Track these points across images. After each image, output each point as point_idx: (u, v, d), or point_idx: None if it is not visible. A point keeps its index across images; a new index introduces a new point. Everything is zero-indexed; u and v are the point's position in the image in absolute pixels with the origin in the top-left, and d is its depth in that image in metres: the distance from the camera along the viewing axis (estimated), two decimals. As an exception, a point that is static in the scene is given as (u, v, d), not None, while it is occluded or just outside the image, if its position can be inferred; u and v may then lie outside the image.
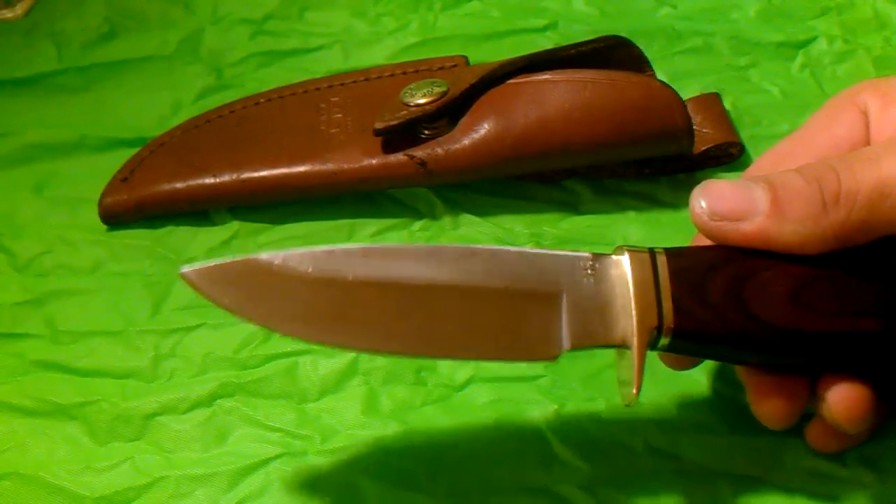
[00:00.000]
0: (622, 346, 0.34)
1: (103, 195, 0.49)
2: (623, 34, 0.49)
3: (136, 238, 0.48)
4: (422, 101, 0.47)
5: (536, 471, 0.39)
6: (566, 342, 0.33)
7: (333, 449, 0.40)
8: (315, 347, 0.43)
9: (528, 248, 0.34)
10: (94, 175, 0.50)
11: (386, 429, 0.41)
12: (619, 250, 0.34)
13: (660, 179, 0.49)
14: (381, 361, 0.43)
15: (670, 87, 0.46)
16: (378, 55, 0.56)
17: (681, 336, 0.34)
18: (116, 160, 0.50)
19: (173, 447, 0.41)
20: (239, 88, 0.54)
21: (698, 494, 0.39)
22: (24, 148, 0.52)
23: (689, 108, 0.47)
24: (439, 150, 0.47)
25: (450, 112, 0.47)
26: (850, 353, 0.34)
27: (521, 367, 0.42)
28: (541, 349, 0.33)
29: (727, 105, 0.51)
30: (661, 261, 0.34)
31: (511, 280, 0.33)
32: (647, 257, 0.34)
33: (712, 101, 0.50)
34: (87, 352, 0.44)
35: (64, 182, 0.51)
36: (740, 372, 0.37)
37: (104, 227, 0.49)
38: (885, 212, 0.32)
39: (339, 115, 0.50)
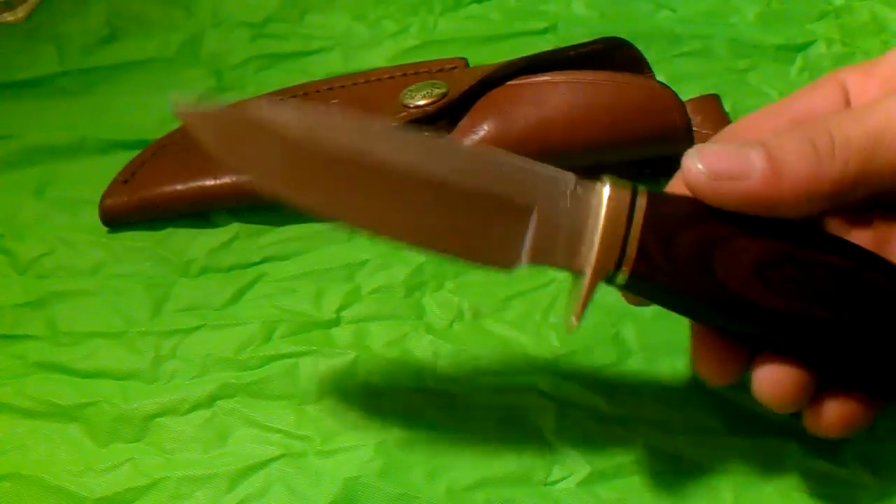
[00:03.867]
0: (578, 273, 0.34)
1: (104, 197, 0.49)
2: (622, 37, 0.49)
3: (137, 240, 0.48)
4: (422, 102, 0.47)
5: (537, 471, 0.39)
6: (525, 256, 0.34)
7: (334, 450, 0.40)
8: (316, 349, 0.43)
9: (516, 158, 0.34)
10: (95, 177, 0.50)
11: (386, 430, 0.41)
12: (603, 179, 0.34)
13: (660, 179, 0.49)
14: (381, 363, 0.43)
15: (669, 88, 0.46)
16: (378, 58, 0.56)
17: (638, 279, 0.34)
18: (117, 162, 0.50)
19: (174, 448, 0.41)
20: (239, 91, 0.55)
21: (698, 494, 0.39)
22: (25, 150, 0.52)
23: (689, 109, 0.47)
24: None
25: (449, 113, 0.47)
26: (799, 335, 0.34)
27: (522, 368, 0.42)
28: (500, 257, 0.34)
29: (727, 108, 0.51)
30: (641, 202, 0.33)
31: (488, 183, 0.34)
32: (627, 195, 0.33)
33: (712, 103, 0.50)
34: (87, 353, 0.44)
35: (65, 184, 0.51)
36: (691, 324, 0.37)
37: (105, 228, 0.49)
38: (878, 163, 0.32)
39: (340, 118, 0.50)
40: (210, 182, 0.48)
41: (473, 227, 0.34)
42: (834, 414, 0.35)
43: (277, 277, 0.46)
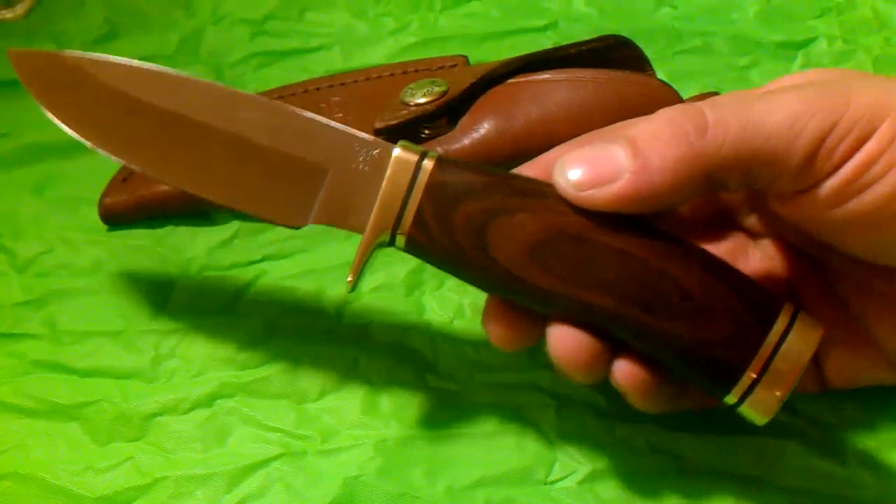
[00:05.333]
0: (360, 233, 0.34)
1: (103, 195, 0.49)
2: (623, 34, 0.49)
3: (137, 238, 0.48)
4: (422, 100, 0.47)
5: (537, 469, 0.39)
6: (314, 216, 0.35)
7: (333, 449, 0.40)
8: (315, 348, 0.43)
9: (318, 118, 0.35)
10: (95, 175, 0.50)
11: (386, 429, 0.41)
12: (398, 144, 0.34)
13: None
14: (381, 362, 0.43)
15: (670, 86, 0.46)
16: (378, 55, 0.56)
17: (415, 246, 0.34)
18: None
19: (173, 447, 0.41)
20: (239, 88, 0.54)
21: (699, 494, 0.39)
22: (25, 148, 0.52)
23: (689, 107, 0.46)
24: (439, 150, 0.47)
25: (450, 111, 0.47)
26: (581, 318, 0.33)
27: (523, 366, 0.42)
28: (289, 215, 0.35)
29: (727, 105, 0.51)
30: (425, 169, 0.33)
31: (285, 142, 0.35)
32: (412, 160, 0.34)
33: (712, 101, 0.50)
34: (87, 352, 0.44)
35: (64, 182, 0.51)
36: None
37: (104, 227, 0.49)
38: (755, 150, 0.31)
39: (340, 115, 0.50)
40: (210, 180, 0.48)
41: (265, 183, 0.35)
42: (623, 378, 0.34)
43: (277, 276, 0.46)
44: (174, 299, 0.46)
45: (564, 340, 0.34)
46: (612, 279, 0.32)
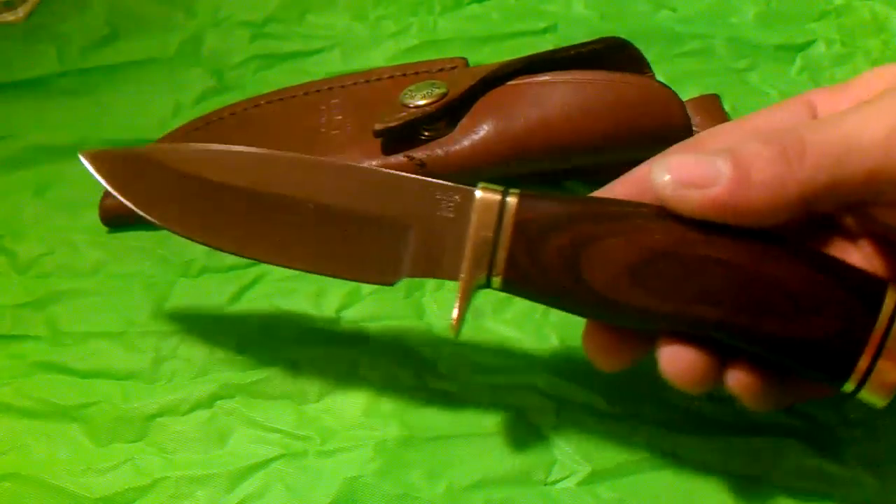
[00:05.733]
0: (455, 280, 0.34)
1: (104, 197, 0.49)
2: (622, 36, 0.49)
3: (137, 240, 0.48)
4: (421, 102, 0.47)
5: (536, 470, 0.39)
6: (405, 270, 0.35)
7: (333, 450, 0.40)
8: (315, 349, 0.43)
9: (391, 174, 0.35)
10: (95, 177, 0.50)
11: (386, 429, 0.41)
12: (477, 186, 0.34)
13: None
14: (381, 363, 0.43)
15: (669, 88, 0.46)
16: (378, 58, 0.56)
17: (511, 285, 0.34)
18: (117, 162, 0.50)
19: (174, 448, 0.41)
20: (239, 91, 0.55)
21: (699, 494, 0.39)
22: (26, 150, 0.52)
23: (689, 108, 0.47)
24: (439, 152, 0.47)
25: (449, 113, 0.47)
26: (690, 331, 0.33)
27: (522, 368, 0.42)
28: (381, 274, 0.35)
29: (727, 108, 0.51)
30: (510, 207, 0.33)
31: (366, 202, 0.35)
32: (496, 201, 0.33)
33: (711, 102, 0.50)
34: (87, 353, 0.44)
35: (65, 184, 0.51)
36: None
37: (105, 229, 0.49)
38: (850, 170, 0.31)
39: (340, 117, 0.50)
40: (210, 182, 0.48)
41: (353, 248, 0.35)
42: (737, 385, 0.34)
43: (277, 277, 0.46)
44: (174, 301, 0.46)
45: (676, 360, 0.34)
46: (717, 290, 0.32)
